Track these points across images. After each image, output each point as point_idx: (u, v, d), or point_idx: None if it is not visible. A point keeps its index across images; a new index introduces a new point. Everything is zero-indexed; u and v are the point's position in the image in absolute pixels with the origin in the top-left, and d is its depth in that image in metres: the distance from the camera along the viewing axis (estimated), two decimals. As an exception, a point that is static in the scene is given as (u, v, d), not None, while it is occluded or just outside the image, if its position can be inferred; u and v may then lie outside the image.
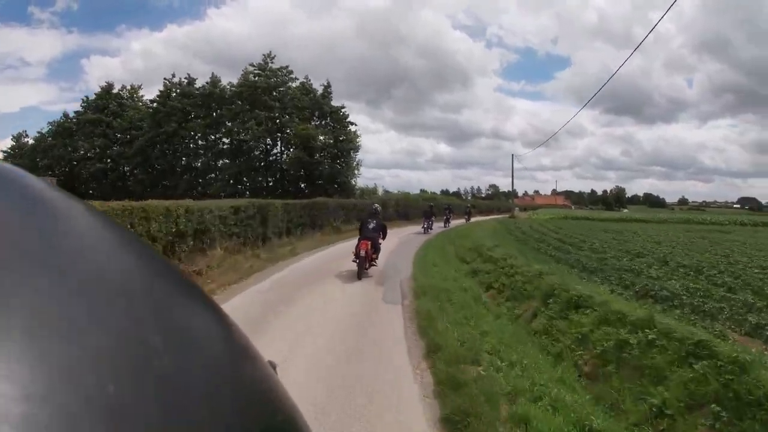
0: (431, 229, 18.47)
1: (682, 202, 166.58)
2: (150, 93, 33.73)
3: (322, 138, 25.74)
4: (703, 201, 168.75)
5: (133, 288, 0.25)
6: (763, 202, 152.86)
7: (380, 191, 26.60)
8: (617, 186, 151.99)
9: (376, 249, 7.95)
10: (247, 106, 26.97)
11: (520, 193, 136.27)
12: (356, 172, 27.89)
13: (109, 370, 0.20)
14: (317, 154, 25.78)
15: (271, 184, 27.23)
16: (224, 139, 28.59)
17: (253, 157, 27.15)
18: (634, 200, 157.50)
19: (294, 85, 28.16)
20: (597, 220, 35.64)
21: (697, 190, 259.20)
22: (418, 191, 33.42)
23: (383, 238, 8.30)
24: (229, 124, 27.33)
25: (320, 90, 28.46)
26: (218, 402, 0.23)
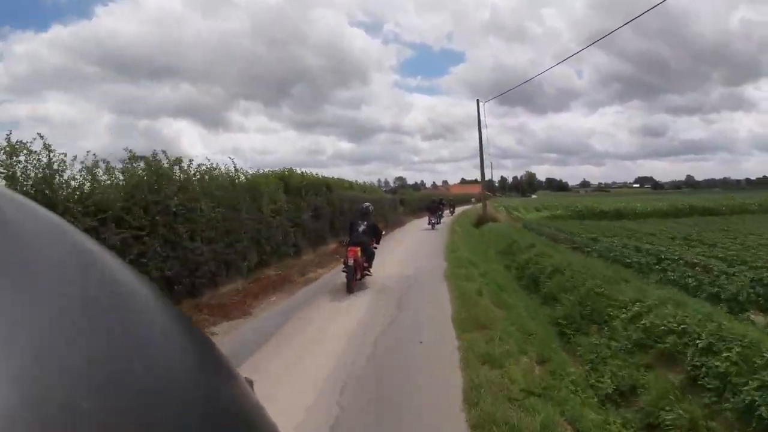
0: (439, 223, 18.02)
1: (584, 185, 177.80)
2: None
3: None
4: (600, 183, 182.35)
5: (103, 302, 0.25)
6: (658, 180, 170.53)
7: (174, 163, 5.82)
8: (527, 171, 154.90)
9: (368, 256, 6.73)
10: None
11: (428, 184, 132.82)
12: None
13: (80, 387, 0.19)
14: None
15: None
16: None
17: None
18: (537, 185, 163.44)
19: None
20: (626, 216, 23.06)
21: (590, 173, 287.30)
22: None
23: (377, 242, 7.01)
24: None
25: None
26: (194, 419, 0.22)
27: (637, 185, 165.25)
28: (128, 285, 0.27)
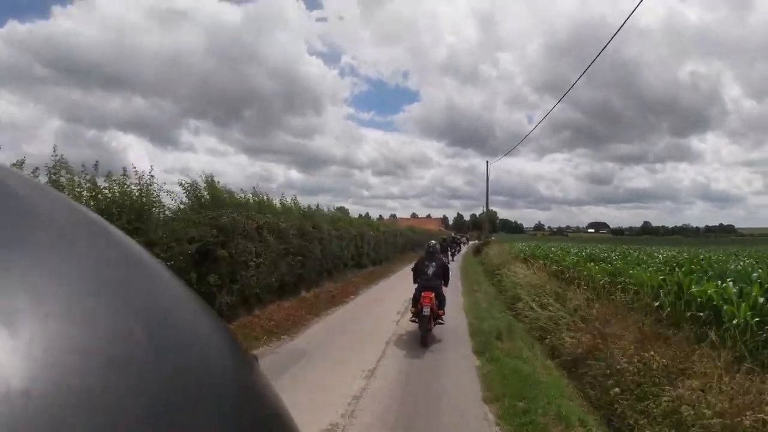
0: (449, 262, 14.33)
1: (539, 227, 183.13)
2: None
3: None
4: (548, 226, 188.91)
5: (114, 280, 0.25)
6: (612, 226, 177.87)
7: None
8: (489, 209, 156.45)
9: (440, 301, 5.94)
10: None
11: (374, 218, 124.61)
12: None
13: (92, 365, 0.19)
14: None
15: None
16: None
17: None
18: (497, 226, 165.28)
19: None
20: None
21: (537, 217, 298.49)
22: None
23: (446, 284, 6.16)
24: None
25: None
26: (203, 395, 0.23)
27: (592, 230, 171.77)
28: (139, 258, 0.28)
